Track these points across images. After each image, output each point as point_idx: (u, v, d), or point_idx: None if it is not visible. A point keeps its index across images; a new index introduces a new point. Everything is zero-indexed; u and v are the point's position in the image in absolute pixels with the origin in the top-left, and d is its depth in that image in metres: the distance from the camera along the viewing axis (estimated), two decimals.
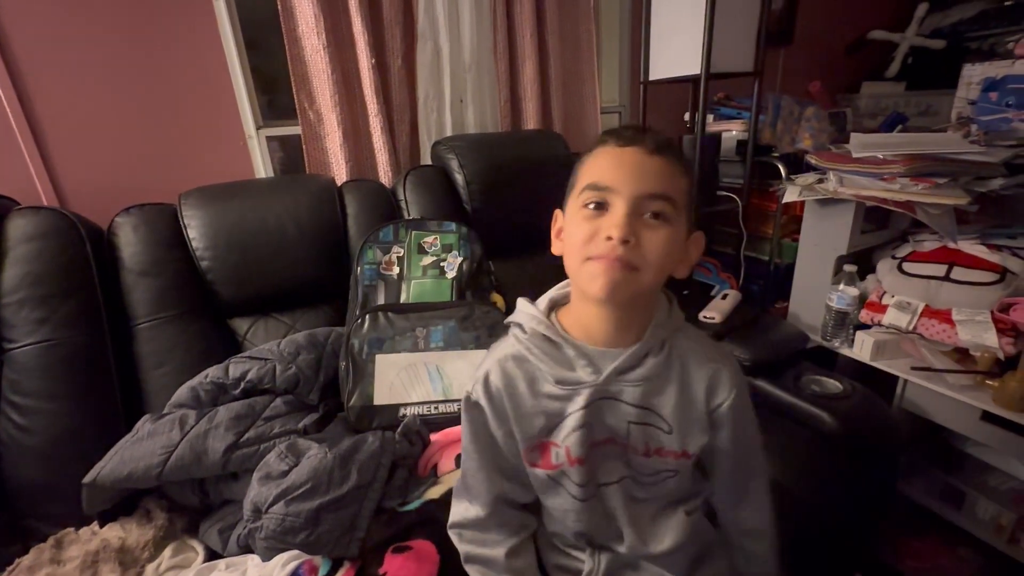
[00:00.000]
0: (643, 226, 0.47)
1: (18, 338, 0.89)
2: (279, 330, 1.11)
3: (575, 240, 0.49)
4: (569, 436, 0.53)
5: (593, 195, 0.49)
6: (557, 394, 0.53)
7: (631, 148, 0.49)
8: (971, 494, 1.20)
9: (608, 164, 0.49)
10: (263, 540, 0.73)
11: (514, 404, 0.54)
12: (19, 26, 1.00)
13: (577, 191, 0.51)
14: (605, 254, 0.47)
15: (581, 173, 0.51)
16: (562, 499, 0.58)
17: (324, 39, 1.18)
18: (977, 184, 1.14)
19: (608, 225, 0.47)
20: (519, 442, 0.56)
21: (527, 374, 0.54)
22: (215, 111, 1.23)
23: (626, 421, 0.53)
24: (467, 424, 0.58)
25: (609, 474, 0.56)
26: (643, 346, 0.52)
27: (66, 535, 0.82)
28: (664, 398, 0.53)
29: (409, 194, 1.25)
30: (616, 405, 0.53)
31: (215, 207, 1.07)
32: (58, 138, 1.08)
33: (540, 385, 0.54)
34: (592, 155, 0.52)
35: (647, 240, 0.47)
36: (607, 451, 0.55)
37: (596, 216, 0.48)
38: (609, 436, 0.54)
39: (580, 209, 0.49)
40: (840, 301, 1.27)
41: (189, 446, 0.81)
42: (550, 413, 0.54)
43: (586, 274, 0.48)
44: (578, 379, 0.52)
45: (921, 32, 2.03)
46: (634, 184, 0.47)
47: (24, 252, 0.91)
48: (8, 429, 0.87)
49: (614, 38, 1.76)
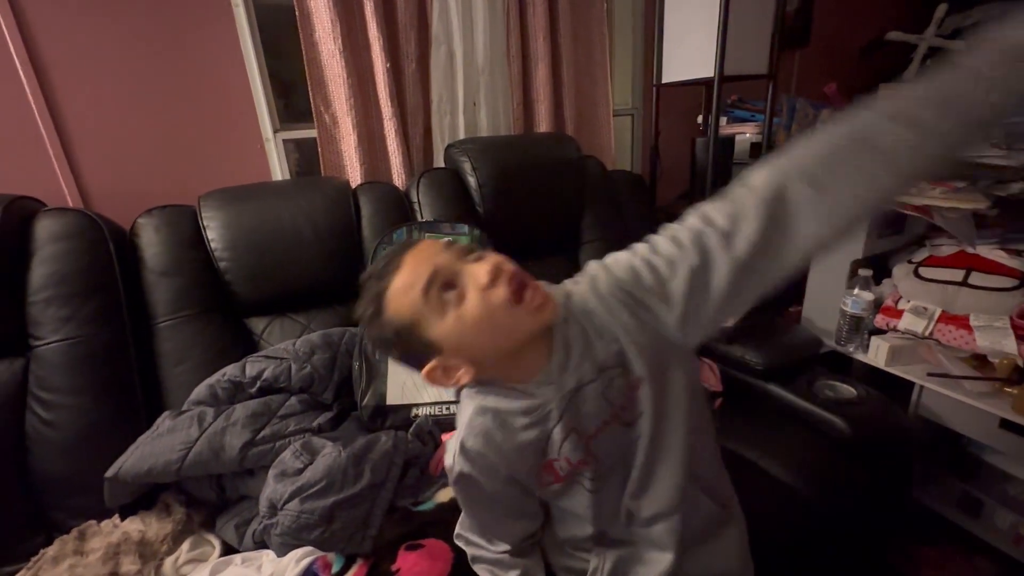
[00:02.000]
0: (479, 259, 0.49)
1: (44, 335, 0.92)
2: (294, 330, 1.12)
3: (476, 318, 0.47)
4: (562, 448, 0.54)
5: (435, 285, 0.47)
6: (531, 423, 0.53)
7: (407, 254, 0.50)
8: (989, 503, 1.18)
9: (411, 272, 0.48)
10: (278, 536, 0.74)
11: (499, 454, 0.55)
12: (48, 36, 1.03)
13: (422, 314, 0.48)
14: (511, 290, 0.47)
15: (404, 309, 0.49)
16: (579, 497, 0.58)
17: (340, 43, 1.20)
18: (997, 188, 1.12)
19: (476, 275, 0.47)
20: (522, 480, 0.57)
21: (497, 420, 0.54)
22: (234, 115, 1.25)
23: (600, 395, 0.53)
24: (460, 494, 0.60)
25: (619, 450, 0.56)
26: (560, 335, 0.51)
27: (89, 527, 0.84)
28: (600, 352, 0.52)
29: (422, 196, 1.27)
30: (583, 393, 0.52)
31: (233, 209, 1.10)
32: (83, 142, 1.11)
33: (513, 423, 0.54)
34: (392, 293, 0.49)
35: (495, 259, 0.49)
36: (608, 433, 0.55)
37: (459, 295, 0.47)
38: (600, 422, 0.54)
39: (443, 315, 0.47)
40: (855, 306, 1.25)
41: (207, 442, 0.83)
42: (534, 442, 0.54)
43: (525, 316, 0.48)
44: (539, 402, 0.53)
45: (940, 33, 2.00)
46: (443, 255, 0.49)
47: (51, 252, 0.94)
48: (35, 424, 0.90)
49: (627, 40, 1.76)
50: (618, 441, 0.55)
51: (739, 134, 1.61)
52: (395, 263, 0.50)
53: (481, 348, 0.49)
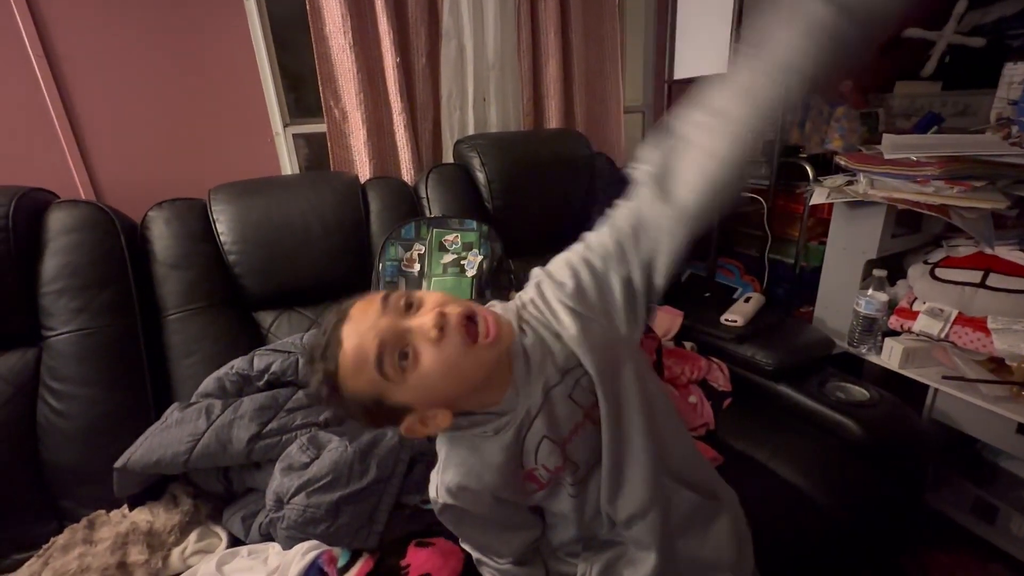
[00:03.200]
0: (416, 309, 0.48)
1: (56, 326, 0.93)
2: (302, 323, 1.13)
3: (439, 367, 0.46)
4: (538, 455, 0.54)
5: (390, 357, 0.45)
6: (503, 442, 0.53)
7: (343, 327, 0.47)
8: (1005, 509, 1.16)
9: (357, 351, 0.46)
10: (284, 530, 0.74)
11: (479, 481, 0.55)
12: (62, 29, 1.04)
13: (386, 386, 0.47)
14: (462, 328, 0.46)
15: (363, 384, 0.47)
16: (563, 501, 0.58)
17: (350, 38, 1.20)
18: (1017, 188, 1.09)
19: (424, 334, 0.45)
20: (509, 496, 0.57)
21: (470, 446, 0.54)
22: (244, 109, 1.26)
23: (567, 398, 0.53)
24: (450, 524, 0.61)
25: (596, 451, 0.56)
26: (516, 345, 0.52)
27: (98, 516, 0.85)
28: (558, 353, 0.53)
29: (431, 192, 1.26)
30: (552, 396, 0.53)
31: (243, 202, 1.10)
32: (96, 135, 1.12)
33: (487, 446, 0.54)
34: (344, 375, 0.47)
35: (432, 302, 0.48)
36: (581, 435, 0.54)
37: (414, 355, 0.46)
38: (572, 425, 0.54)
39: (400, 372, 0.46)
40: (868, 306, 1.23)
41: (215, 435, 0.83)
42: (510, 457, 0.54)
43: (482, 352, 0.47)
44: (509, 417, 0.52)
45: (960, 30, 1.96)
46: (376, 321, 0.46)
47: (63, 244, 0.94)
48: (46, 413, 0.91)
49: (639, 36, 1.74)
50: (591, 443, 0.54)
51: None
52: (335, 339, 0.47)
53: (451, 393, 0.49)
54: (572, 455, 0.55)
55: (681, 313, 1.30)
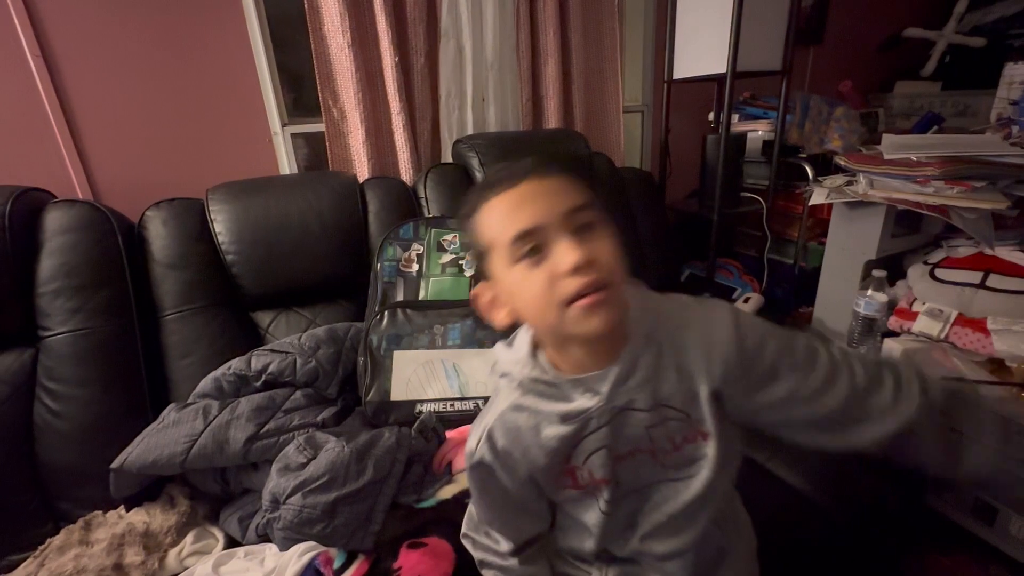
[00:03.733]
0: (585, 242, 0.45)
1: (53, 326, 0.93)
2: (300, 324, 1.12)
3: (534, 294, 0.45)
4: (590, 459, 0.53)
5: (523, 243, 0.45)
6: (565, 431, 0.51)
7: (523, 183, 0.46)
8: (1004, 511, 1.15)
9: (514, 208, 0.46)
10: (280, 530, 0.74)
11: (524, 454, 0.53)
12: (59, 28, 1.04)
13: (499, 251, 0.47)
14: (579, 289, 0.44)
15: (490, 233, 0.47)
16: (592, 512, 0.57)
17: (348, 37, 1.20)
18: (1018, 188, 1.09)
19: (560, 259, 0.44)
20: (540, 481, 0.55)
21: (529, 420, 0.52)
22: (242, 109, 1.25)
23: (644, 427, 0.52)
24: (473, 483, 0.58)
25: (640, 479, 0.55)
26: (631, 350, 0.50)
27: (94, 517, 0.85)
28: (668, 387, 0.51)
29: (430, 192, 1.26)
30: (629, 416, 0.51)
31: (241, 202, 1.10)
32: (93, 135, 1.11)
33: (545, 427, 0.52)
34: (487, 212, 0.48)
35: (599, 254, 0.45)
36: (636, 461, 0.54)
37: (538, 261, 0.45)
38: (632, 448, 0.53)
39: (514, 265, 0.46)
40: (868, 307, 1.23)
41: (212, 436, 0.83)
42: (561, 449, 0.52)
43: (572, 319, 0.45)
44: (580, 408, 0.51)
45: (960, 29, 1.96)
46: (554, 209, 0.45)
47: (60, 244, 0.94)
48: (42, 414, 0.91)
49: (638, 36, 1.74)
50: (643, 472, 0.54)
51: (751, 131, 1.59)
52: (510, 183, 0.46)
53: (527, 317, 0.50)
54: (620, 474, 0.54)
55: None
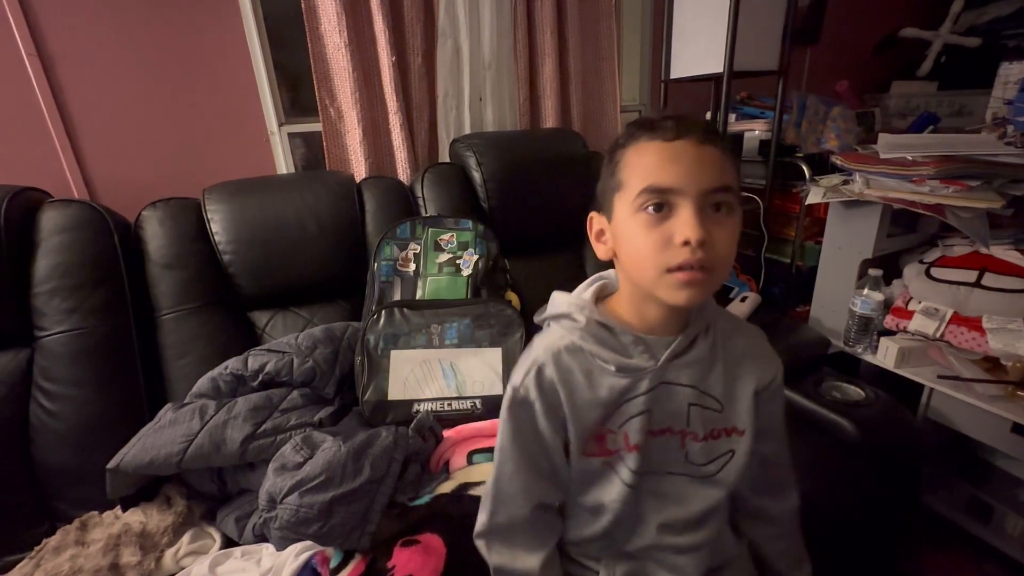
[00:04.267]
0: (711, 223, 0.45)
1: (49, 326, 0.92)
2: (297, 324, 1.12)
3: (643, 249, 0.47)
4: (629, 423, 0.53)
5: (652, 197, 0.46)
6: (617, 383, 0.52)
7: (681, 141, 0.46)
8: (999, 508, 1.16)
9: (660, 162, 0.46)
10: (277, 530, 0.74)
11: (570, 396, 0.52)
12: (54, 27, 1.04)
13: (628, 194, 0.47)
14: (685, 262, 0.45)
15: (627, 173, 0.48)
16: (612, 488, 0.56)
17: (346, 37, 1.20)
18: (1013, 187, 1.09)
19: (679, 229, 0.45)
20: (572, 434, 0.54)
21: (583, 364, 0.52)
22: (239, 108, 1.25)
23: (686, 403, 0.54)
24: (508, 422, 0.55)
25: (663, 464, 0.56)
26: (692, 330, 0.53)
27: (91, 518, 0.84)
28: (714, 377, 0.54)
29: (427, 191, 1.26)
30: (674, 390, 0.53)
31: (238, 202, 1.09)
32: (89, 134, 1.11)
33: (598, 375, 0.52)
34: (635, 151, 0.48)
35: (718, 238, 0.45)
36: (664, 442, 0.55)
37: (660, 220, 0.46)
38: (667, 426, 0.54)
39: (636, 213, 0.47)
40: (864, 306, 1.23)
41: (208, 435, 0.83)
42: (609, 402, 0.52)
43: (666, 285, 0.46)
44: (638, 366, 0.52)
45: (955, 30, 1.97)
46: (696, 180, 0.45)
47: (56, 243, 0.94)
48: (38, 414, 0.90)
49: (635, 35, 1.74)
50: (669, 454, 0.55)
51: (748, 131, 1.59)
52: (671, 134, 0.46)
53: (623, 263, 0.52)
54: (649, 446, 0.54)
55: None
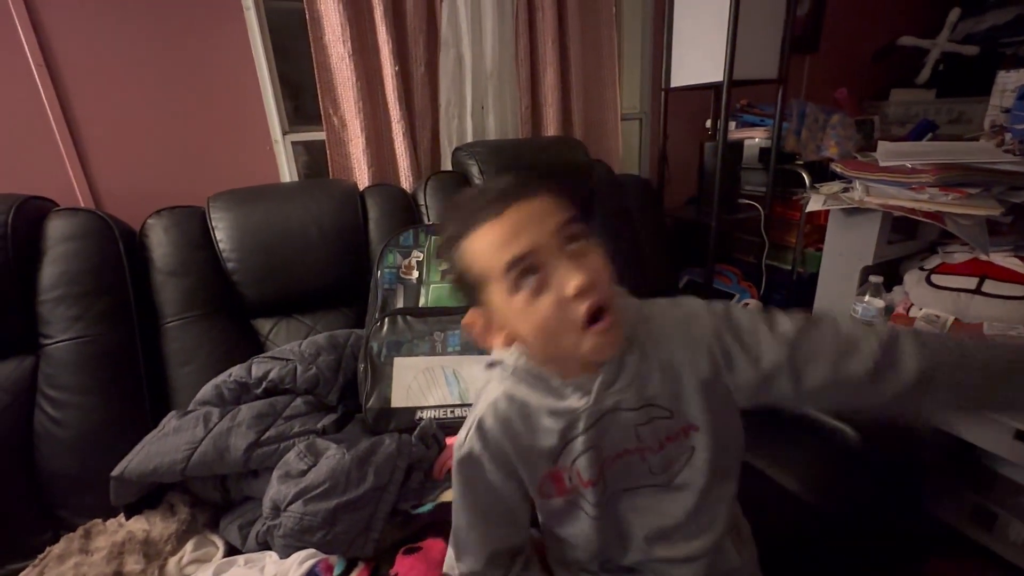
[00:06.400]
0: (579, 258, 0.44)
1: (54, 334, 0.93)
2: (300, 331, 1.13)
3: (544, 321, 0.44)
4: (578, 460, 0.52)
5: (519, 270, 0.43)
6: (554, 426, 0.51)
7: (509, 209, 0.44)
8: (1003, 516, 1.16)
9: (504, 236, 0.44)
10: (281, 538, 0.74)
11: (514, 444, 0.53)
12: (62, 38, 1.05)
13: (495, 281, 0.45)
14: (590, 310, 0.43)
15: (480, 263, 0.46)
16: (579, 522, 0.57)
17: (349, 47, 1.21)
18: (1012, 195, 1.10)
19: (562, 283, 0.43)
20: (526, 479, 0.55)
21: (521, 411, 0.52)
22: (243, 117, 1.26)
23: (633, 426, 0.52)
24: (458, 479, 0.56)
25: (630, 481, 0.55)
26: (616, 355, 0.50)
27: (94, 526, 0.84)
28: (653, 387, 0.51)
29: (430, 199, 1.27)
30: (618, 417, 0.51)
31: (242, 210, 1.10)
32: (95, 143, 1.12)
33: (536, 419, 0.52)
34: (475, 241, 0.45)
35: (593, 268, 0.44)
36: (625, 462, 0.54)
37: (539, 285, 0.44)
38: (621, 449, 0.53)
39: (514, 293, 0.44)
40: (865, 313, 1.24)
41: (212, 443, 0.83)
42: (552, 446, 0.52)
43: (588, 344, 0.45)
44: (569, 407, 0.51)
45: (953, 38, 1.98)
46: (544, 230, 0.44)
47: (62, 251, 0.94)
48: (43, 422, 0.91)
49: (636, 44, 1.75)
50: (632, 471, 0.54)
51: (748, 139, 1.60)
52: (492, 212, 0.44)
53: (528, 342, 0.49)
54: (608, 474, 0.53)
55: None
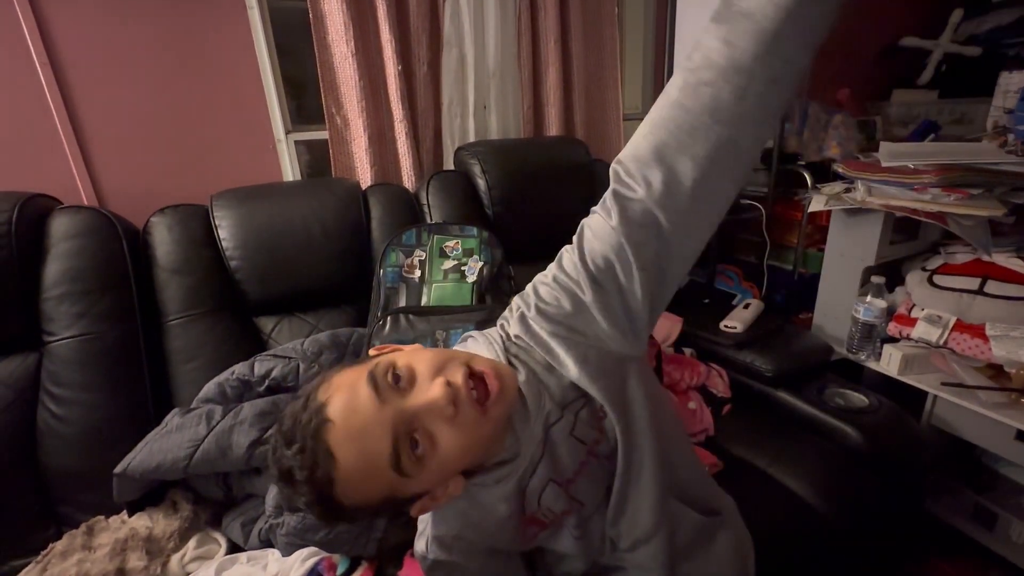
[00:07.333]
0: (416, 388, 0.43)
1: (57, 331, 0.93)
2: (303, 329, 1.13)
3: (460, 451, 0.43)
4: (542, 499, 0.51)
5: (406, 451, 0.41)
6: (503, 490, 0.50)
7: (335, 431, 0.40)
8: (1004, 516, 1.16)
9: (363, 444, 0.40)
10: (284, 536, 0.74)
11: (477, 531, 0.52)
12: (66, 36, 1.05)
13: (401, 480, 0.42)
14: (474, 400, 0.42)
15: (378, 499, 0.43)
16: (565, 540, 0.56)
17: (352, 46, 1.21)
18: (1014, 195, 1.10)
19: (438, 413, 0.41)
20: (504, 548, 0.54)
21: (468, 497, 0.50)
22: (247, 116, 1.26)
23: (568, 434, 0.50)
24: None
25: (600, 489, 0.54)
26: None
27: (97, 522, 0.85)
28: (555, 388, 0.50)
29: (432, 198, 1.27)
30: (553, 437, 0.50)
31: (245, 208, 1.10)
32: (99, 142, 1.12)
33: (486, 496, 0.51)
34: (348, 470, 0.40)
35: (429, 372, 0.43)
36: (586, 475, 0.52)
37: (430, 441, 0.42)
38: (578, 465, 0.52)
39: (417, 463, 0.42)
40: (867, 313, 1.24)
41: (215, 440, 0.83)
42: (511, 510, 0.51)
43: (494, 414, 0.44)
44: (510, 464, 0.49)
45: (955, 39, 1.98)
46: (379, 407, 0.41)
47: (65, 249, 0.95)
48: (46, 419, 0.91)
49: (638, 44, 1.76)
50: (597, 478, 0.52)
51: None
52: (323, 450, 0.39)
53: (469, 463, 0.47)
54: (577, 495, 0.52)
55: (680, 319, 1.31)
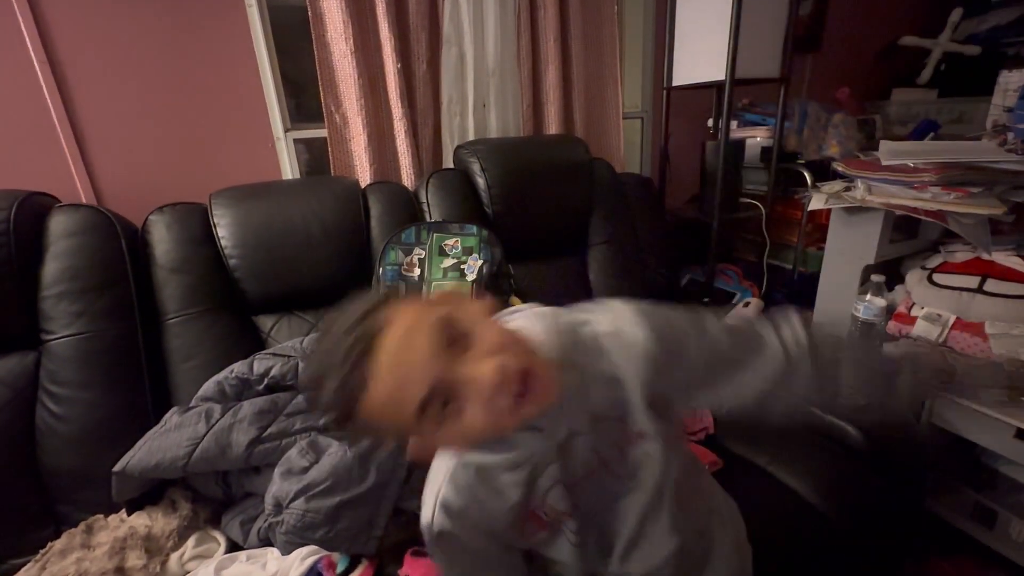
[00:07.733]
0: (475, 352, 0.42)
1: (56, 330, 0.93)
2: (302, 328, 1.13)
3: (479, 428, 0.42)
4: (547, 496, 0.52)
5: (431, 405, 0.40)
6: (516, 477, 0.50)
7: (382, 350, 0.40)
8: (1004, 514, 1.16)
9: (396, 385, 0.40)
10: (283, 535, 0.74)
11: (482, 510, 0.51)
12: (64, 34, 1.05)
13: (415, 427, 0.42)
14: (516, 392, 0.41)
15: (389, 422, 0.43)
16: (563, 548, 0.56)
17: (352, 44, 1.21)
18: (1014, 194, 1.10)
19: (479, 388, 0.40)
20: (506, 534, 0.54)
21: (479, 474, 0.50)
22: (246, 114, 1.26)
23: (590, 449, 0.51)
24: (441, 557, 0.55)
25: (604, 498, 0.54)
26: None
27: (96, 521, 0.85)
28: (597, 401, 0.50)
29: (431, 197, 1.27)
30: (574, 442, 0.50)
31: (244, 207, 1.10)
32: (98, 140, 1.12)
33: (497, 478, 0.50)
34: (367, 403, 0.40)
35: (492, 349, 0.42)
36: (592, 483, 0.52)
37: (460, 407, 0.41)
38: (586, 471, 0.52)
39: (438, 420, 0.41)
40: (867, 312, 1.23)
41: (214, 439, 0.83)
42: (520, 498, 0.51)
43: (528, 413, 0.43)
44: (527, 454, 0.50)
45: (955, 38, 1.98)
46: (428, 352, 0.40)
47: (64, 247, 0.94)
48: (45, 417, 0.91)
49: (637, 43, 1.75)
50: (602, 489, 0.53)
51: (750, 138, 1.60)
52: (364, 368, 0.39)
53: (476, 442, 0.47)
54: (579, 499, 0.53)
55: None
